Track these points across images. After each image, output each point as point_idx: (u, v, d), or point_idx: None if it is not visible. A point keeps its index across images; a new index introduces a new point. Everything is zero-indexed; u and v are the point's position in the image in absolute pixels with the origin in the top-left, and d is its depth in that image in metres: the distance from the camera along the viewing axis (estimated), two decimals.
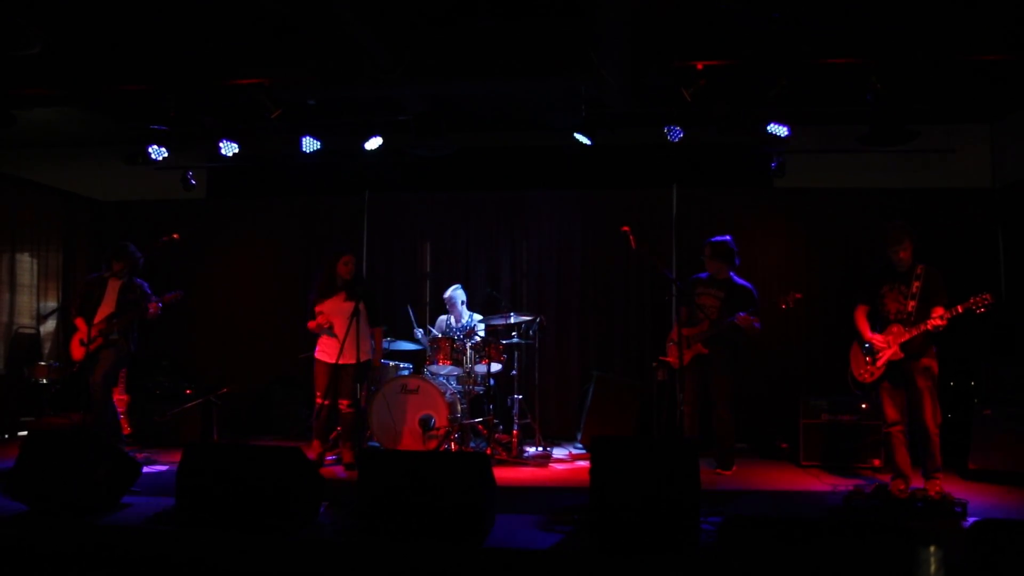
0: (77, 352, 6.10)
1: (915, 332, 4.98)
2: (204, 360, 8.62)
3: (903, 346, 5.03)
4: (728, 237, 6.31)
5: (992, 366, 6.33)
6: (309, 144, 7.15)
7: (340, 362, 5.93)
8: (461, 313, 7.30)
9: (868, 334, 5.21)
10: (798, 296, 5.97)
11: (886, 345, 5.09)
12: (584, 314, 8.28)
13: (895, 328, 5.07)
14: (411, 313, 7.28)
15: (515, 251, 8.50)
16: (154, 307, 6.13)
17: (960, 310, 4.83)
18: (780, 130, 6.42)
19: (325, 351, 6.22)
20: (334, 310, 6.20)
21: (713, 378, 6.11)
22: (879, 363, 5.12)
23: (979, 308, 4.79)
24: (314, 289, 6.39)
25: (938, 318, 4.88)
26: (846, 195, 7.95)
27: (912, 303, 5.05)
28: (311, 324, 6.29)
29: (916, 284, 5.06)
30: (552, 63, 6.06)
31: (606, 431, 6.89)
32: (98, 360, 6.09)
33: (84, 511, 4.46)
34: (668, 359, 6.23)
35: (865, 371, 5.22)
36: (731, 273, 6.23)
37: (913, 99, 6.34)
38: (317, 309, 6.27)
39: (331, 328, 6.15)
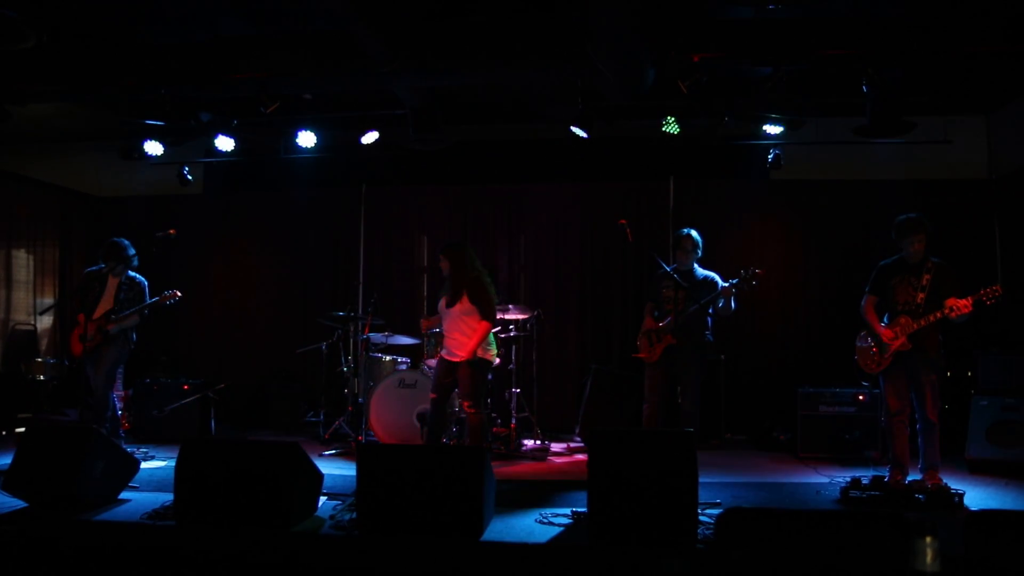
0: (77, 347, 6.09)
1: (923, 323, 4.97)
2: (201, 355, 8.62)
3: (911, 337, 5.03)
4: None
5: (989, 356, 6.34)
6: (306, 138, 7.13)
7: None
8: None
9: (878, 327, 5.20)
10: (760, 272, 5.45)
11: (895, 336, 5.09)
12: (582, 307, 8.28)
13: (903, 320, 5.07)
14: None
15: (512, 244, 8.50)
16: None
17: (970, 300, 4.82)
18: (775, 129, 6.39)
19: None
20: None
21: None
22: (887, 354, 5.13)
23: (989, 300, 4.78)
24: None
25: (952, 306, 4.81)
26: (843, 187, 7.95)
27: (921, 295, 5.04)
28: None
29: (926, 277, 5.06)
30: (548, 55, 6.04)
31: (604, 424, 6.89)
32: (100, 356, 6.09)
33: (82, 507, 4.47)
34: (640, 355, 6.11)
35: (872, 361, 5.23)
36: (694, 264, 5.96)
37: (910, 90, 6.33)
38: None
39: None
